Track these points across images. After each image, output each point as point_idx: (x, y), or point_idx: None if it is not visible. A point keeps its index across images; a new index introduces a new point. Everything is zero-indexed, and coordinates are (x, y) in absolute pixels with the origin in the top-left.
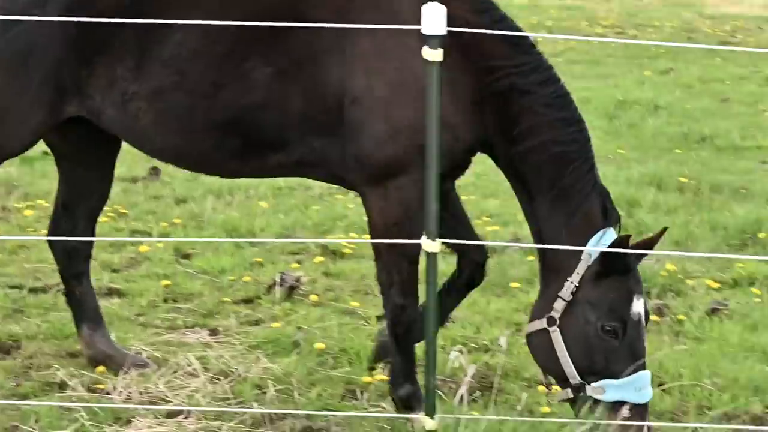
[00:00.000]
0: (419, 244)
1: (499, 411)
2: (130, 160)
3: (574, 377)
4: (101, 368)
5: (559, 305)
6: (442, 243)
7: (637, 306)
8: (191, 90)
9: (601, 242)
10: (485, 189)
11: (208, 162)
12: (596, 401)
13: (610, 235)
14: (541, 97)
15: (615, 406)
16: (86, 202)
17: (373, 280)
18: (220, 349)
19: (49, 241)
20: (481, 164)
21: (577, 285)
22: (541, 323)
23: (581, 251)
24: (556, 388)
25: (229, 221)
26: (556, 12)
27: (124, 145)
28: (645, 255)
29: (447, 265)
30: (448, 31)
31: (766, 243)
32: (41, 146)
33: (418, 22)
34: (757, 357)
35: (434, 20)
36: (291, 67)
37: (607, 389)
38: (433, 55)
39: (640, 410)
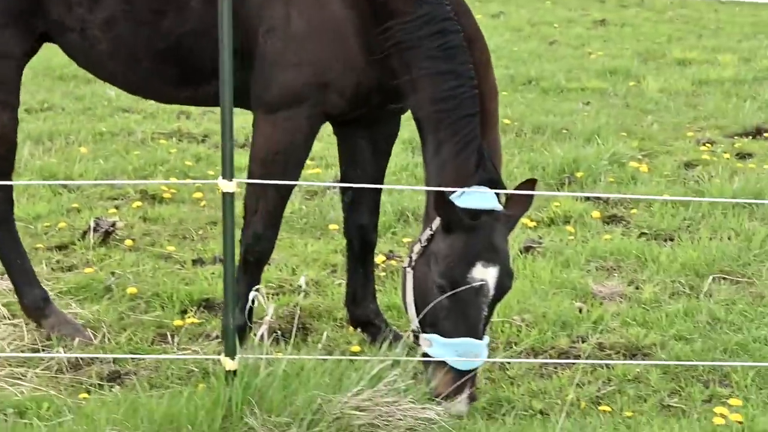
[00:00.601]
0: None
1: (308, 351)
2: None
3: (414, 321)
4: None
5: (416, 248)
6: (238, 183)
7: (481, 273)
8: (137, 19)
9: (462, 198)
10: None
11: (150, 88)
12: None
13: (480, 192)
14: (427, 50)
15: (441, 363)
16: None
17: (191, 224)
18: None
19: None
20: None
21: (433, 233)
22: (405, 262)
23: (436, 201)
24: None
25: (46, 167)
26: None
27: None
28: (516, 222)
29: None
30: None
31: (583, 182)
32: None
33: None
34: (567, 293)
35: None
36: None
37: (432, 343)
38: None
39: (458, 374)
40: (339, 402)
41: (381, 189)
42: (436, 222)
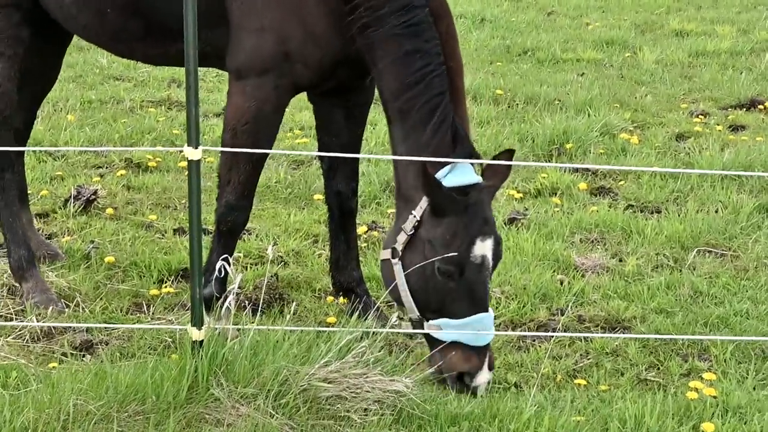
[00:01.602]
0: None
1: (282, 322)
2: None
3: (413, 311)
4: None
5: (401, 238)
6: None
7: (480, 248)
8: None
9: (447, 177)
10: (298, 102)
11: (119, 42)
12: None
13: (461, 168)
14: (391, 28)
15: (452, 345)
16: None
17: (174, 193)
18: (4, 264)
19: None
20: None
21: (419, 219)
22: (387, 253)
23: (424, 185)
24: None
25: (32, 135)
26: None
27: None
28: (495, 192)
29: None
30: None
31: (572, 153)
32: None
33: None
34: (548, 264)
35: None
36: None
37: (444, 328)
38: None
39: (480, 352)
40: (306, 374)
41: (358, 157)
42: (419, 208)
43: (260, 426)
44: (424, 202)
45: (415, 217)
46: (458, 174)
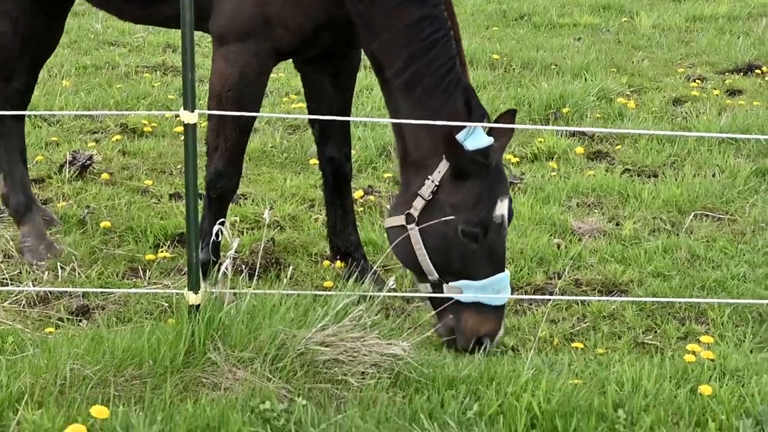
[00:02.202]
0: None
1: (279, 286)
2: None
3: (432, 274)
4: None
5: (418, 204)
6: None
7: (500, 208)
8: None
9: (468, 140)
10: (293, 67)
11: (109, 4)
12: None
13: (477, 131)
14: None
15: (472, 306)
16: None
17: (170, 158)
18: (1, 230)
19: None
20: None
21: (438, 184)
22: (400, 219)
23: (449, 150)
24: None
25: None
26: None
27: None
28: (503, 152)
29: None
30: None
31: (569, 118)
32: None
33: None
34: (545, 229)
35: None
36: None
37: (464, 290)
38: None
39: (497, 311)
40: (303, 337)
41: (349, 122)
42: (438, 173)
43: (257, 390)
44: (443, 167)
45: (433, 182)
46: (476, 137)
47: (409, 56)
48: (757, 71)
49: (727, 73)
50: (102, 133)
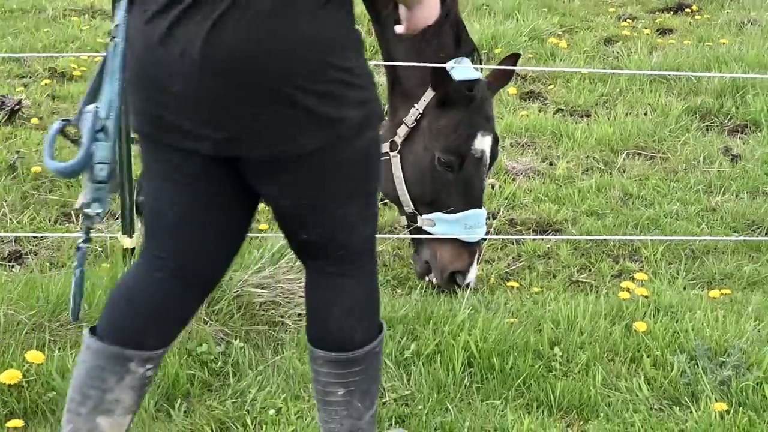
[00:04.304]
0: None
1: None
2: None
3: (408, 205)
4: None
5: (402, 131)
6: None
7: (481, 143)
8: None
9: (454, 70)
10: None
11: None
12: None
13: (465, 63)
14: None
15: (447, 241)
16: None
17: None
18: None
19: None
20: None
21: (422, 112)
22: (384, 147)
23: (434, 77)
24: None
25: None
26: None
27: None
28: (496, 93)
29: None
30: None
31: (501, 58)
32: None
33: None
34: None
35: None
36: None
37: (437, 222)
38: None
39: (471, 247)
40: (240, 280)
41: None
42: (423, 101)
43: (194, 332)
44: (428, 96)
45: (417, 110)
46: (465, 69)
47: None
48: (687, 10)
49: (657, 12)
50: (30, 77)
